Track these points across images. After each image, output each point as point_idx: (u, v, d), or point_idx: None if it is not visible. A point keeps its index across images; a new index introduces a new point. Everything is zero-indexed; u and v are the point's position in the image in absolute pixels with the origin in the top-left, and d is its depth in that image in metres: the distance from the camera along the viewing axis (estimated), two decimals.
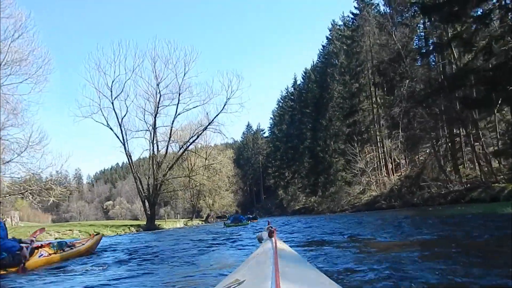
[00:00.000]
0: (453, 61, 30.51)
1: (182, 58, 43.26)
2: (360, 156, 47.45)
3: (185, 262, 7.67)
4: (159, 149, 40.71)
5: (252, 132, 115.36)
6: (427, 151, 37.87)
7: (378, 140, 50.22)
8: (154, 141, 39.27)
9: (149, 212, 38.33)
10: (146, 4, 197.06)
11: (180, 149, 42.53)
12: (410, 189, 36.68)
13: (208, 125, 40.04)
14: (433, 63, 34.99)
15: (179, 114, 40.31)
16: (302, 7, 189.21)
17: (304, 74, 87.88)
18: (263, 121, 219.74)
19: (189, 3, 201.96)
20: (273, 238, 3.06)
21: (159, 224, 40.47)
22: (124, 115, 38.65)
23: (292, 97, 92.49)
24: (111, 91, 38.27)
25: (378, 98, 49.55)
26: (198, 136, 41.92)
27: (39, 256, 8.91)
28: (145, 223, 39.51)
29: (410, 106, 32.50)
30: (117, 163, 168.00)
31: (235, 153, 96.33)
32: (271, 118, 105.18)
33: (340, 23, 66.51)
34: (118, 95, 38.25)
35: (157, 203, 41.85)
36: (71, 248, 10.43)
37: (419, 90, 33.01)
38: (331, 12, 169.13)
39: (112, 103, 37.95)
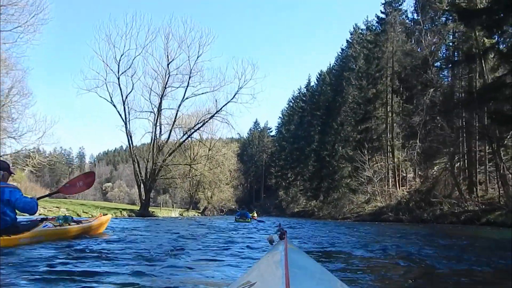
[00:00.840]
0: (484, 74, 28.30)
1: (197, 40, 40.54)
2: (368, 165, 45.34)
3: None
4: (162, 133, 38.49)
5: (259, 129, 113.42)
6: (442, 166, 35.63)
7: (389, 150, 48.08)
8: (158, 124, 37.08)
9: (143, 198, 36.14)
10: None
11: (183, 135, 40.59)
12: (419, 204, 34.50)
13: (216, 113, 37.67)
14: (460, 75, 32.62)
15: (187, 98, 38.16)
16: (324, 8, 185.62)
17: (319, 76, 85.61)
18: (272, 119, 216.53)
19: None
20: (284, 240, 3.03)
21: (153, 211, 38.40)
22: (129, 93, 36.69)
23: (303, 98, 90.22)
24: (119, 66, 36.26)
25: (394, 106, 47.38)
26: (204, 124, 39.51)
27: (44, 227, 8.20)
28: (139, 208, 37.30)
29: (432, 115, 30.28)
30: (121, 146, 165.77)
31: (240, 148, 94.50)
32: (279, 117, 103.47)
33: (363, 27, 64.13)
34: (125, 71, 36.20)
35: (153, 189, 39.42)
36: (78, 224, 9.69)
37: (443, 100, 30.86)
38: (354, 16, 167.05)
39: (118, 78, 35.88)
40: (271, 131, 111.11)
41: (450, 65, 30.66)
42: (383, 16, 50.26)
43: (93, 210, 28.04)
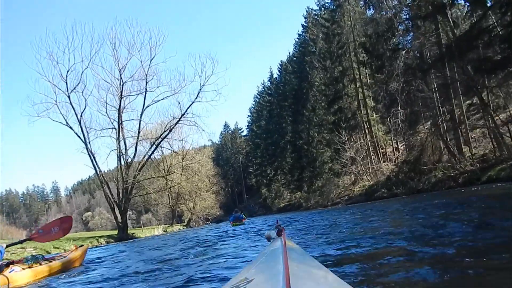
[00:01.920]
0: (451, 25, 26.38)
1: (147, 42, 37.63)
2: (348, 145, 43.20)
3: None
4: (127, 148, 35.24)
5: (230, 131, 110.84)
6: (426, 132, 33.55)
7: (366, 126, 46.07)
8: (121, 138, 33.86)
9: (120, 221, 33.08)
10: None
11: (151, 146, 37.25)
12: (409, 175, 32.41)
13: (182, 116, 34.81)
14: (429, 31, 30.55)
15: (147, 106, 35.43)
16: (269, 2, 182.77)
17: (280, 66, 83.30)
18: (241, 120, 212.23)
19: None
20: (282, 237, 3.03)
21: (133, 233, 35.33)
22: (84, 110, 33.73)
23: (269, 91, 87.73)
24: (67, 83, 33.16)
25: (364, 79, 45.37)
26: (170, 130, 36.50)
27: (10, 272, 7.55)
28: (117, 233, 34.22)
29: (409, 78, 28.11)
30: (95, 173, 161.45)
31: (214, 153, 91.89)
32: (248, 115, 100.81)
33: (316, 8, 61.89)
34: (75, 88, 33.11)
35: (129, 209, 36.18)
36: (50, 262, 8.91)
37: (420, 59, 28.80)
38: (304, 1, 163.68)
39: (69, 96, 32.75)
40: (242, 131, 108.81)
41: (419, 21, 28.28)
42: None
43: (65, 243, 24.99)
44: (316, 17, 63.13)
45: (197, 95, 34.82)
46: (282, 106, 76.47)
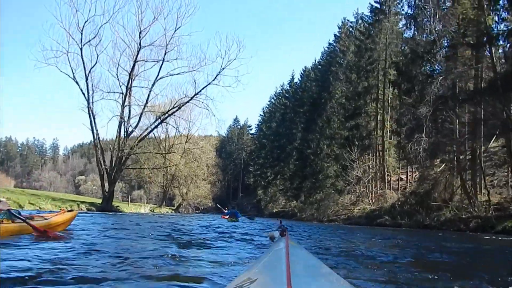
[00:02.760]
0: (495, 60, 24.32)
1: (176, 11, 35.25)
2: (358, 164, 41.22)
3: None
4: (131, 117, 32.93)
5: (239, 126, 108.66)
6: (442, 166, 31.44)
7: (379, 148, 44.09)
8: (126, 105, 31.66)
9: (106, 190, 31.01)
10: None
11: (156, 120, 34.69)
12: (415, 207, 30.38)
13: (195, 95, 32.53)
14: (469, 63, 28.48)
15: (161, 77, 33.10)
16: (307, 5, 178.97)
17: (303, 72, 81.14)
18: (252, 118, 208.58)
19: None
20: (285, 237, 3.10)
21: (117, 206, 33.26)
22: (93, 66, 31.44)
23: (286, 94, 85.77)
24: (82, 34, 30.89)
25: (388, 100, 43.38)
26: (179, 107, 34.11)
27: None
28: (101, 202, 32.12)
29: (440, 107, 26.05)
30: (115, 148, 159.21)
31: (219, 144, 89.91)
32: (260, 115, 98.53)
33: (353, 19, 59.80)
34: (90, 41, 30.85)
35: (118, 180, 33.68)
36: (24, 221, 7.97)
37: (451, 90, 26.72)
38: (338, 12, 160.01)
39: (81, 48, 30.51)
40: (251, 129, 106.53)
41: (462, 49, 26.21)
42: (377, 5, 46.01)
43: (42, 201, 23.05)
44: (351, 29, 61.13)
45: (216, 77, 32.68)
46: (296, 111, 74.44)
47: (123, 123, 31.50)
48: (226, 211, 32.91)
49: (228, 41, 57.46)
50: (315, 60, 78.55)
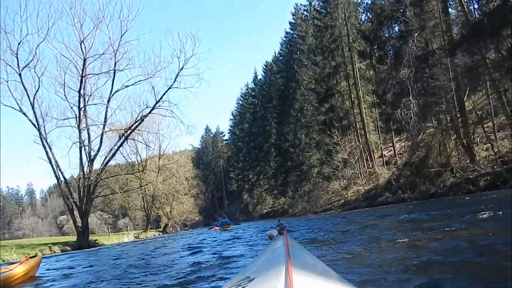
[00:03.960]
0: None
1: (117, 15, 31.87)
2: (341, 146, 38.71)
3: None
4: (91, 139, 29.19)
5: (212, 135, 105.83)
6: (433, 129, 29.09)
7: (359, 126, 41.67)
8: (82, 127, 27.82)
9: (79, 225, 27.63)
10: None
11: (120, 138, 31.02)
12: (412, 178, 27.94)
13: (156, 104, 29.24)
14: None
15: (116, 91, 29.73)
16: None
17: (264, 67, 78.35)
18: (222, 125, 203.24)
19: None
20: (283, 235, 3.05)
21: (96, 240, 29.90)
22: (37, 91, 27.78)
23: (253, 93, 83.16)
24: (17, 58, 27.14)
25: (359, 75, 41.00)
26: (142, 120, 30.48)
27: None
28: (76, 239, 28.61)
29: (422, 65, 23.58)
30: (71, 175, 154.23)
31: (195, 156, 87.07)
32: (230, 119, 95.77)
33: (305, 2, 57.43)
34: (28, 64, 27.08)
35: (90, 211, 29.75)
36: None
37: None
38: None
39: (20, 74, 26.75)
40: (224, 135, 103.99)
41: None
42: None
43: (5, 252, 19.82)
44: (306, 12, 58.88)
45: (175, 79, 29.50)
46: (266, 107, 71.82)
47: (83, 148, 27.93)
48: (217, 223, 31.18)
49: (181, 37, 53.34)
50: (275, 53, 75.95)
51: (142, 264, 9.65)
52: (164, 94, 29.62)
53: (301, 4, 60.95)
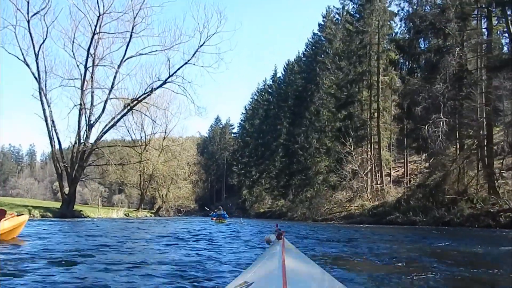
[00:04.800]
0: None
1: None
2: (353, 156, 36.72)
3: None
4: (94, 104, 26.80)
5: (221, 125, 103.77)
6: (458, 153, 27.04)
7: (374, 140, 39.64)
8: (86, 88, 25.78)
9: (66, 192, 25.62)
10: None
11: (124, 108, 28.49)
12: (423, 201, 25.95)
13: (169, 77, 27.08)
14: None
15: (129, 57, 27.70)
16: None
17: (286, 66, 76.05)
18: (234, 118, 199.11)
19: None
20: (281, 240, 3.04)
21: (81, 211, 27.86)
22: (44, 41, 25.69)
23: (269, 90, 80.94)
24: (28, 2, 24.91)
25: (385, 85, 39.03)
26: (152, 91, 28.13)
27: None
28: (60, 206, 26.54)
29: (460, 83, 21.51)
30: (69, 140, 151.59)
31: (201, 144, 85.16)
32: (242, 113, 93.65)
33: (339, 5, 55.22)
34: (39, 11, 24.89)
35: (79, 179, 27.26)
36: None
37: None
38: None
39: (28, 21, 24.49)
40: (233, 128, 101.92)
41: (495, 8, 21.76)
42: None
43: None
44: (337, 15, 56.79)
45: (193, 54, 27.43)
46: (280, 106, 69.62)
47: (84, 111, 25.84)
48: (213, 213, 29.91)
49: (207, 12, 50.60)
50: (298, 53, 73.57)
51: (109, 248, 7.78)
52: (179, 68, 27.52)
53: (333, 7, 58.76)
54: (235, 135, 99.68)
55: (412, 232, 17.11)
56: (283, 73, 76.67)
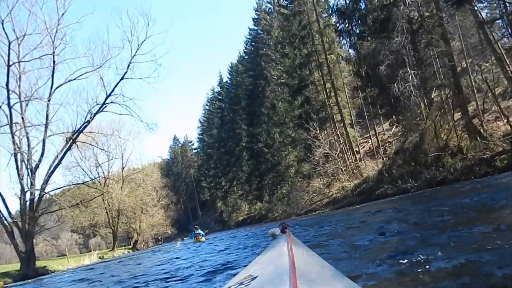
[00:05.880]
0: None
1: None
2: (321, 139, 34.67)
3: None
4: (32, 147, 23.29)
5: (180, 144, 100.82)
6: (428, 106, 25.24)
7: (336, 119, 37.76)
8: (17, 130, 22.29)
9: (22, 251, 22.31)
10: None
11: (67, 142, 24.89)
12: (407, 167, 24.06)
13: (107, 98, 24.27)
14: None
15: (58, 86, 24.78)
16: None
17: (230, 68, 73.66)
18: (190, 133, 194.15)
19: None
20: (286, 234, 3.03)
21: (45, 266, 24.67)
22: None
23: (219, 97, 78.41)
24: None
25: (331, 63, 37.24)
26: (92, 118, 25.17)
27: None
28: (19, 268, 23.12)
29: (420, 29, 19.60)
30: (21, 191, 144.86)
31: (164, 167, 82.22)
32: (198, 126, 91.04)
33: None
34: None
35: (34, 232, 23.96)
36: None
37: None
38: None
39: None
40: (193, 144, 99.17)
41: None
42: None
43: None
44: (269, 5, 54.96)
45: (128, 67, 24.73)
46: (234, 110, 67.12)
47: (22, 156, 22.39)
48: (192, 234, 28.51)
49: (132, 17, 46.81)
50: (239, 53, 71.29)
51: None
52: (116, 86, 24.73)
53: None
54: (196, 150, 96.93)
55: (415, 200, 15.00)
56: (229, 76, 74.27)
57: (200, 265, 8.75)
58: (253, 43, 60.96)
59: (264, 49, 54.61)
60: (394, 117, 31.78)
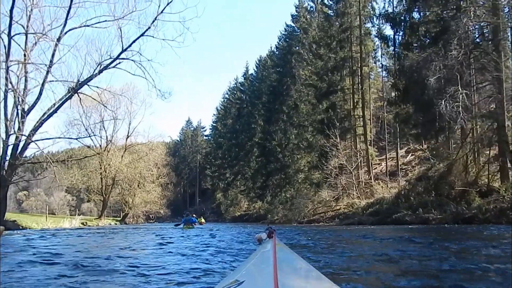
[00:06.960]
0: None
1: None
2: (339, 149, 32.45)
3: None
4: (29, 89, 20.65)
5: (192, 128, 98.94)
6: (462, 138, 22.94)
7: (357, 131, 35.68)
8: (12, 64, 19.44)
9: None
10: None
11: (68, 91, 21.97)
12: (428, 196, 21.80)
13: (122, 52, 21.56)
14: None
15: (71, 29, 22.21)
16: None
17: (258, 62, 71.36)
18: (206, 120, 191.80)
19: None
20: (272, 239, 3.00)
21: (15, 220, 22.45)
22: None
23: (241, 88, 76.28)
24: None
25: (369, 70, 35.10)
26: (101, 71, 22.15)
27: None
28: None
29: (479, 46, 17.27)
30: (41, 151, 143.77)
31: (171, 147, 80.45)
32: (214, 114, 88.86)
33: None
34: None
35: (9, 181, 20.97)
36: None
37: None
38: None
39: None
40: (205, 130, 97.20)
41: None
42: None
43: None
44: (311, 3, 52.78)
45: (152, 23, 22.03)
46: (254, 104, 65.10)
47: (13, 94, 19.70)
48: (182, 219, 26.24)
49: None
50: (270, 47, 68.78)
51: None
52: (134, 41, 21.94)
53: None
54: (207, 137, 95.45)
55: (439, 234, 12.70)
56: (255, 69, 72.00)
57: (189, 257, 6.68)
58: (287, 40, 58.66)
59: (297, 47, 52.37)
60: (424, 140, 29.38)
